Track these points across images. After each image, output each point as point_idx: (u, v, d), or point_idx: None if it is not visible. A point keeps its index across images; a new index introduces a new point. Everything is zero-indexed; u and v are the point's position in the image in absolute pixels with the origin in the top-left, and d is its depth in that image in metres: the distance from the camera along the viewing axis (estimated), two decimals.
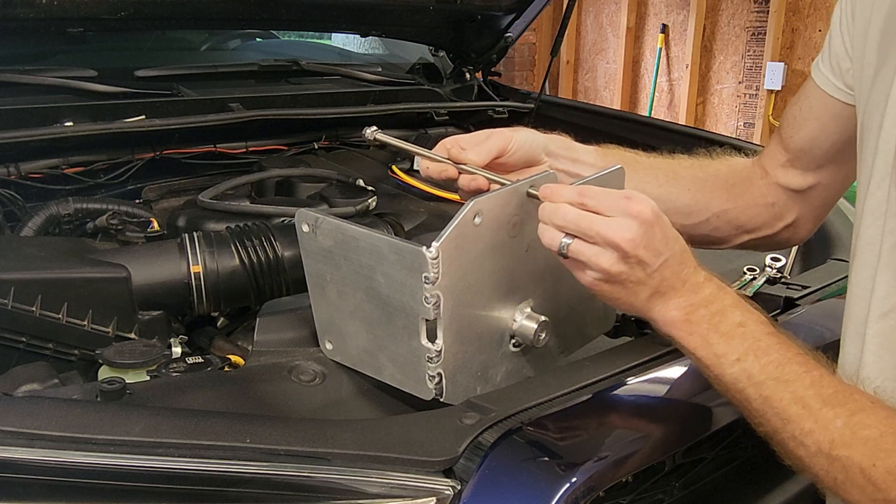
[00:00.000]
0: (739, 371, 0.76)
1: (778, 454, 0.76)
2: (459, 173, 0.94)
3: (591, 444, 0.78)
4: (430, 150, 0.97)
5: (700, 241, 1.09)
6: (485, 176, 0.92)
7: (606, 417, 0.85)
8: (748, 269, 1.33)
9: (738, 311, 0.79)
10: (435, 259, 0.76)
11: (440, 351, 0.80)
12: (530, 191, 0.84)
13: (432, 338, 0.81)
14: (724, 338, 0.78)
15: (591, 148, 1.06)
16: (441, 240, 0.76)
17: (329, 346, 0.94)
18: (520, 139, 0.98)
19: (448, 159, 0.94)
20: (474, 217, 0.80)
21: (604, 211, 0.78)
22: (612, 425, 0.84)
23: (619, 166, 0.93)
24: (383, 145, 1.07)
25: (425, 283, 0.77)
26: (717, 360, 0.78)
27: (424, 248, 0.76)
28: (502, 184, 0.88)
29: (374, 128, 1.03)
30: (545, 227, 0.80)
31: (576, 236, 0.78)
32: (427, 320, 0.80)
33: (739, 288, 1.27)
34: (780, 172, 1.07)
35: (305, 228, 0.87)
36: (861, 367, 0.82)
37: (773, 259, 1.33)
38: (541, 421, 0.78)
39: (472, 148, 0.94)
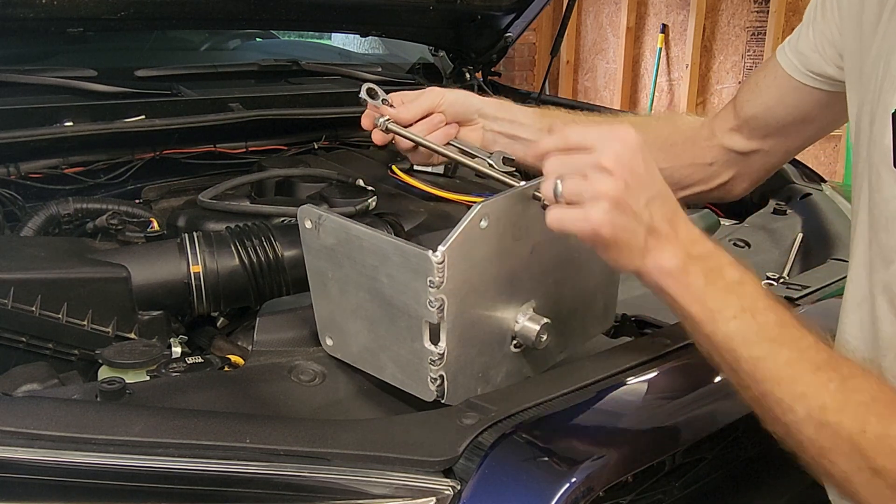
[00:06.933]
0: (734, 329, 0.73)
1: (762, 420, 0.74)
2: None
3: (591, 444, 0.78)
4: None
5: None
6: (446, 154, 1.05)
7: (606, 417, 0.85)
8: None
9: (736, 270, 0.76)
10: (440, 263, 0.75)
11: (443, 354, 0.80)
12: (536, 193, 0.84)
13: (435, 340, 0.80)
14: (721, 293, 0.74)
15: (529, 109, 1.12)
16: (447, 244, 0.75)
17: (329, 342, 0.94)
18: (451, 99, 1.08)
19: (438, 145, 1.05)
20: (481, 220, 0.78)
21: (588, 145, 0.75)
22: (612, 425, 0.84)
23: None
24: (385, 143, 1.09)
25: (430, 286, 0.76)
26: (712, 316, 0.74)
27: (430, 252, 0.75)
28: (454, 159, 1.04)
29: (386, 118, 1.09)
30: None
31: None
32: (430, 323, 0.79)
33: None
34: (727, 136, 1.11)
35: (308, 225, 0.87)
36: None
37: (769, 276, 1.30)
38: (541, 421, 0.78)
39: (404, 105, 1.07)
